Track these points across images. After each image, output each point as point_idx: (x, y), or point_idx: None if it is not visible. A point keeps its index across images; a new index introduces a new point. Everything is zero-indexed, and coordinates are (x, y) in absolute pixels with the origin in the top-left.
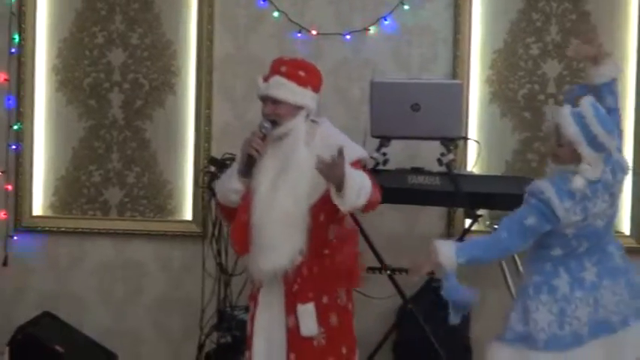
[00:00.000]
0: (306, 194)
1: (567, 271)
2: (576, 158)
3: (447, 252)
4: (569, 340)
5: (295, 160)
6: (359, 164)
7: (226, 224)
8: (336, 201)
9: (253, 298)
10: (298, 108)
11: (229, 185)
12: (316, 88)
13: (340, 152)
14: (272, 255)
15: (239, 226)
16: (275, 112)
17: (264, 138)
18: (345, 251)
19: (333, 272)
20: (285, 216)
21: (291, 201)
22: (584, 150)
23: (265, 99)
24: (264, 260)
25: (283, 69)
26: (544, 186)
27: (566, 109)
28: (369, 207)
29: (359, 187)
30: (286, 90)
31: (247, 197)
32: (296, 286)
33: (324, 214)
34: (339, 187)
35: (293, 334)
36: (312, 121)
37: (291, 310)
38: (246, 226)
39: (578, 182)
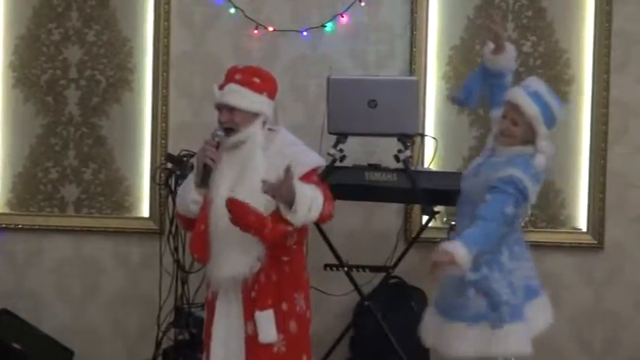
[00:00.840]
0: (264, 201)
1: (507, 247)
2: (529, 137)
3: (461, 251)
4: (520, 308)
5: (253, 167)
6: (314, 173)
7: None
8: (287, 217)
9: (209, 303)
10: (254, 115)
11: (187, 196)
12: (272, 95)
13: (287, 170)
14: (230, 263)
15: (198, 236)
16: (231, 120)
17: (217, 146)
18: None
19: (291, 278)
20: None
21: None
22: (542, 127)
23: (221, 107)
24: (223, 268)
25: (238, 76)
26: (519, 174)
27: (521, 90)
28: (320, 220)
29: (310, 202)
30: (241, 97)
31: (205, 207)
32: (254, 293)
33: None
34: (290, 204)
35: (252, 341)
36: (270, 129)
37: (249, 317)
38: (205, 235)
39: (541, 161)
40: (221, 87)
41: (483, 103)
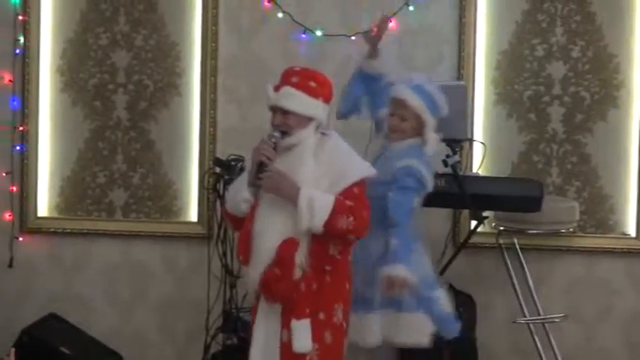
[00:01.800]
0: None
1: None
2: (418, 130)
3: (405, 272)
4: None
5: (302, 172)
6: (357, 186)
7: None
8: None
9: (254, 307)
10: (308, 119)
11: (239, 195)
12: (327, 100)
13: (260, 165)
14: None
15: (244, 237)
16: (284, 123)
17: (274, 147)
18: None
19: (332, 289)
20: (287, 228)
21: (294, 213)
22: (429, 118)
23: (275, 109)
24: (261, 272)
25: (294, 79)
26: (416, 164)
27: (403, 85)
28: (347, 233)
29: (314, 208)
30: (297, 101)
31: (254, 207)
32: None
33: None
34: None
35: (286, 348)
36: (322, 133)
37: (286, 324)
38: (249, 235)
39: (434, 147)
40: (276, 88)
41: (529, 108)
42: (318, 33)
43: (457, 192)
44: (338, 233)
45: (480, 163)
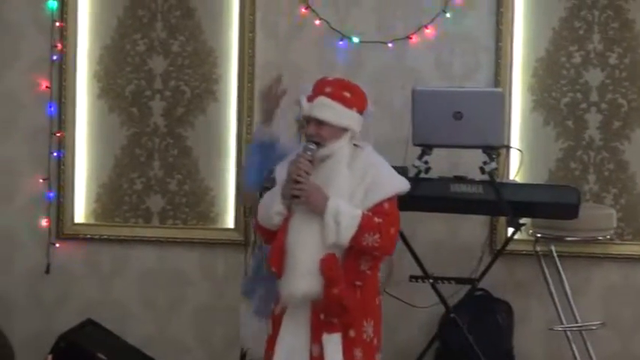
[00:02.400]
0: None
1: None
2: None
3: None
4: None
5: (336, 184)
6: (388, 201)
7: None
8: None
9: (276, 318)
10: (342, 130)
11: (272, 207)
12: (361, 110)
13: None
14: (304, 280)
15: (277, 249)
16: (318, 134)
17: (311, 160)
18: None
19: (362, 305)
20: (320, 241)
21: None
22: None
23: (309, 120)
24: (296, 285)
25: (328, 89)
26: None
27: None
28: (373, 250)
29: (341, 224)
30: (331, 111)
31: (287, 220)
32: (323, 315)
33: None
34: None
35: None
36: (355, 145)
37: (316, 338)
38: (283, 248)
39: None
40: (310, 99)
41: (566, 115)
42: (355, 40)
43: (494, 199)
44: (364, 250)
45: (516, 170)
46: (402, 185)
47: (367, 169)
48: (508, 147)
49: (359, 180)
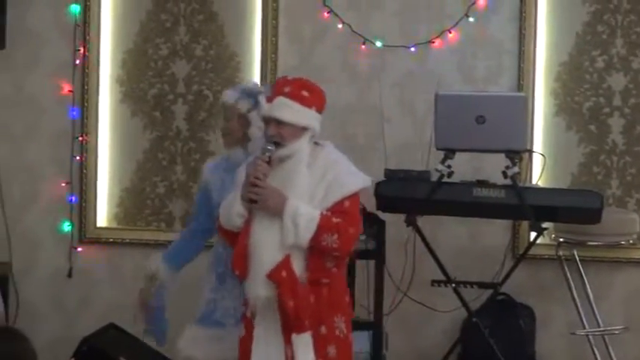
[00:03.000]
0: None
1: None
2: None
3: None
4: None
5: (295, 184)
6: (351, 199)
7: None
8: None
9: (247, 321)
10: (302, 129)
11: (232, 209)
12: (320, 109)
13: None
14: (267, 282)
15: (239, 252)
16: (279, 134)
17: (269, 162)
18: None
19: (330, 301)
20: (282, 242)
21: None
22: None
23: (269, 120)
24: (260, 287)
25: (287, 89)
26: None
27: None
28: (333, 251)
29: (299, 225)
30: (290, 110)
31: (249, 222)
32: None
33: None
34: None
35: None
36: (316, 143)
37: (288, 339)
38: (246, 250)
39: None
40: (269, 99)
41: (589, 119)
42: (378, 44)
43: (516, 203)
44: (323, 250)
45: (539, 174)
46: (363, 182)
47: (327, 167)
48: (531, 151)
49: (319, 179)
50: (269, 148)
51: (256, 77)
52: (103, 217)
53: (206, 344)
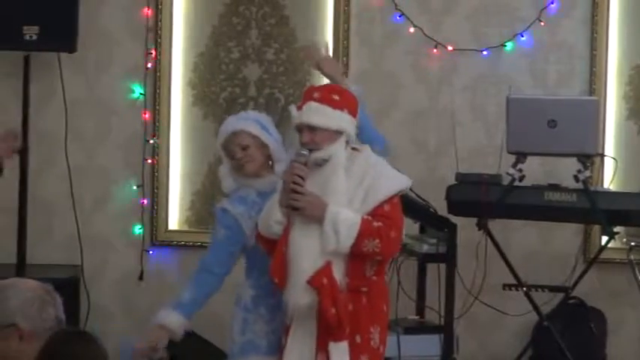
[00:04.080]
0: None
1: None
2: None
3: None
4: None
5: (333, 188)
6: (395, 199)
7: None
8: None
9: (287, 328)
10: (336, 133)
11: (271, 216)
12: (353, 112)
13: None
14: (308, 290)
15: (278, 260)
16: (312, 140)
17: (305, 165)
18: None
19: (369, 311)
20: (321, 249)
21: None
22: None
23: (301, 127)
24: (300, 294)
25: (316, 94)
26: None
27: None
28: (375, 255)
29: (340, 232)
30: (321, 115)
31: (287, 229)
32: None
33: None
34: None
35: None
36: (353, 148)
37: (322, 347)
38: (285, 258)
39: None
40: (299, 107)
41: None
42: (449, 48)
43: (588, 207)
44: (365, 255)
45: (611, 178)
46: (401, 184)
47: (366, 171)
48: (602, 155)
49: (357, 183)
50: (303, 152)
51: (327, 81)
52: (174, 220)
53: None
